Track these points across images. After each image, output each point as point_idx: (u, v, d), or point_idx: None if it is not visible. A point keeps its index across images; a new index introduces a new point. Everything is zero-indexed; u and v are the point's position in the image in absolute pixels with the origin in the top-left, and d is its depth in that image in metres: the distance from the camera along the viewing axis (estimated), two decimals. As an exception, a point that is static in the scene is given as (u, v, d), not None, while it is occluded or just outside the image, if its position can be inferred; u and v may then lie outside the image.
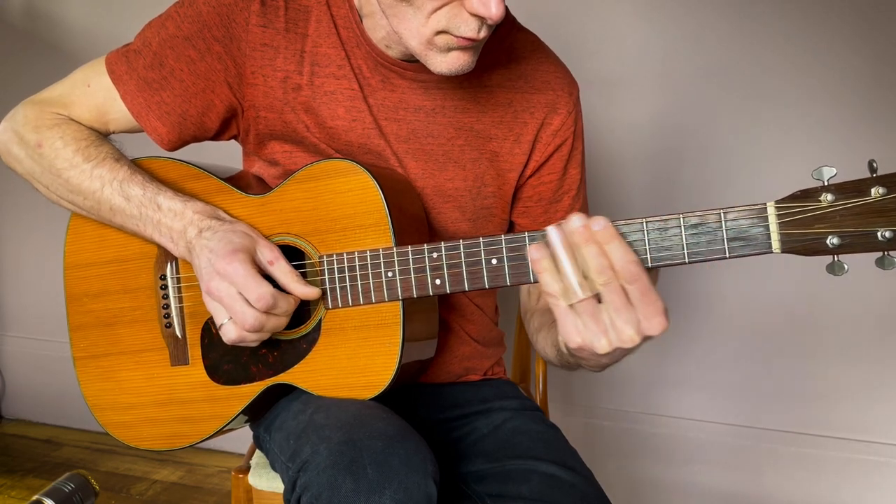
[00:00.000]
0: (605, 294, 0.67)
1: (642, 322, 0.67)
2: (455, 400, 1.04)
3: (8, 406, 2.31)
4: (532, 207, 1.03)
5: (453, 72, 0.83)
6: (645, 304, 0.67)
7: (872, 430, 1.59)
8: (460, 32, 0.78)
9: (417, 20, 0.80)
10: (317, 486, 0.75)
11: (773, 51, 1.52)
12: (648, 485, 1.75)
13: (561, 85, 0.99)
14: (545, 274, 0.69)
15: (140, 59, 0.93)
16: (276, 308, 0.82)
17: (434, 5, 0.78)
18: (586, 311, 0.68)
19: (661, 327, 0.68)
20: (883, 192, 0.63)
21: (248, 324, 0.81)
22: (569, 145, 1.00)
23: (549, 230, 0.69)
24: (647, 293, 0.67)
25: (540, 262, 0.69)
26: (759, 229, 0.68)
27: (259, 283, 0.81)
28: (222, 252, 0.82)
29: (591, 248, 0.67)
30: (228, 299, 0.82)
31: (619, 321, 0.67)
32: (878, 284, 1.50)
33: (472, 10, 0.76)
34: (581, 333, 0.69)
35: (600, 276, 0.67)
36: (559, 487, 0.88)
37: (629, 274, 0.67)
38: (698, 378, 1.70)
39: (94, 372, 0.99)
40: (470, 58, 0.82)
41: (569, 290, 0.68)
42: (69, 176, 0.92)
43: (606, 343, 0.68)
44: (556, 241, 0.69)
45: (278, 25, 0.92)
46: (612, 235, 0.67)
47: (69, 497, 0.67)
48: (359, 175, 0.86)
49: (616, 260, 0.67)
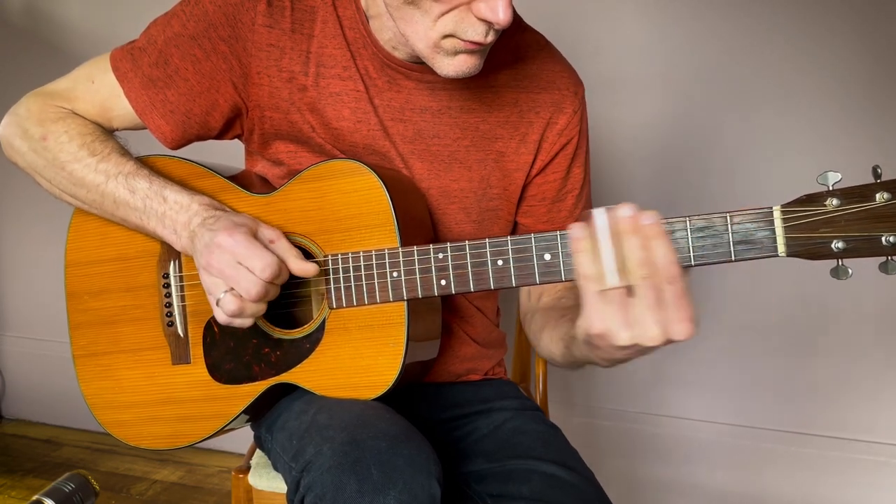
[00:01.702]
0: (641, 288, 0.66)
1: (670, 324, 0.66)
2: (455, 400, 1.04)
3: (8, 406, 2.30)
4: (535, 206, 1.03)
5: (460, 75, 0.83)
6: (678, 308, 0.66)
7: (872, 430, 1.59)
8: (468, 36, 0.78)
9: (425, 23, 0.80)
10: (321, 486, 0.75)
11: (778, 52, 1.52)
12: (648, 485, 1.75)
13: (566, 84, 0.99)
14: (583, 254, 0.67)
15: (145, 57, 0.93)
16: (279, 278, 0.81)
17: (441, 9, 0.78)
18: (615, 301, 0.67)
19: (686, 333, 0.67)
20: (888, 197, 0.64)
21: (255, 292, 0.80)
22: (574, 144, 1.00)
23: (596, 212, 0.67)
24: (682, 296, 0.66)
25: (581, 241, 0.67)
26: (764, 233, 0.68)
27: (264, 252, 0.81)
28: (223, 227, 0.82)
29: (635, 239, 0.66)
30: (230, 269, 0.80)
31: (649, 319, 0.66)
32: (878, 285, 1.50)
33: (479, 14, 0.76)
34: (605, 321, 0.67)
35: (641, 270, 0.66)
36: (559, 487, 0.88)
37: (669, 274, 0.66)
38: (698, 378, 1.70)
39: (93, 370, 0.99)
40: (477, 61, 0.83)
41: (603, 276, 0.67)
42: (73, 169, 0.92)
43: (628, 337, 0.67)
44: (602, 223, 0.67)
45: (284, 26, 0.92)
46: (659, 232, 0.66)
47: (69, 497, 0.67)
48: (364, 175, 0.86)
49: (659, 257, 0.66)
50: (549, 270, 0.76)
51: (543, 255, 0.76)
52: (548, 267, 0.76)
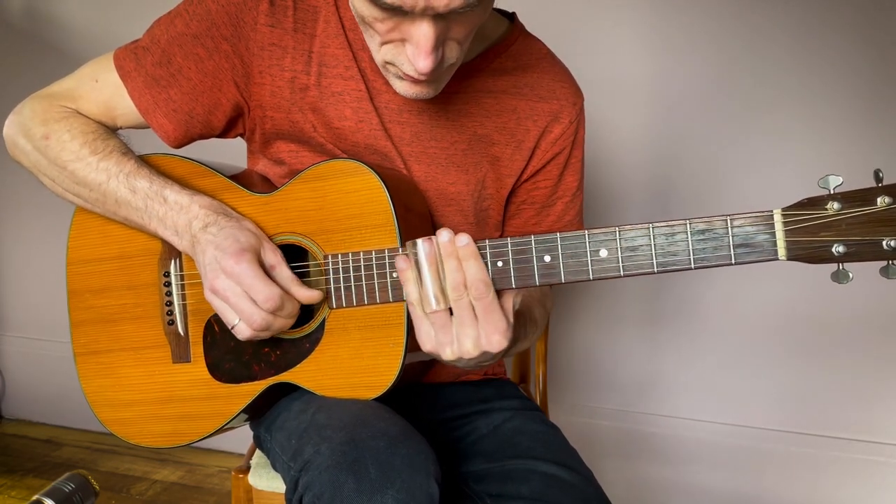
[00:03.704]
0: (455, 308, 0.75)
1: (482, 337, 0.75)
2: (455, 400, 1.04)
3: (8, 406, 2.31)
4: (525, 210, 1.03)
5: (410, 97, 0.85)
6: (487, 322, 0.74)
7: (872, 430, 1.59)
8: (404, 70, 0.81)
9: (373, 46, 0.83)
10: (319, 485, 0.75)
11: (777, 56, 1.52)
12: (648, 485, 1.75)
13: (566, 95, 0.99)
14: (408, 284, 0.76)
15: (148, 56, 0.93)
16: (282, 310, 0.82)
17: (380, 40, 0.80)
18: (438, 322, 0.75)
19: (499, 346, 0.75)
20: (889, 201, 0.64)
21: (256, 324, 0.82)
22: (566, 154, 1.01)
23: (419, 242, 0.75)
24: (490, 311, 0.74)
25: (405, 271, 0.76)
26: (765, 236, 0.68)
27: (267, 285, 0.82)
28: (230, 251, 0.82)
29: (451, 262, 0.74)
30: (235, 298, 0.82)
31: (462, 335, 0.75)
32: (878, 285, 1.50)
33: (408, 55, 0.78)
34: (431, 341, 0.76)
35: (454, 292, 0.74)
36: (559, 487, 0.88)
37: (477, 291, 0.74)
38: (698, 378, 1.70)
39: (94, 368, 0.99)
40: (424, 89, 0.84)
41: (426, 300, 0.75)
42: (75, 168, 0.92)
43: (450, 352, 0.76)
44: (423, 253, 0.75)
45: (287, 25, 0.92)
46: (471, 252, 0.74)
47: (69, 497, 0.67)
48: (365, 175, 0.86)
49: (470, 276, 0.74)
50: (549, 272, 0.76)
51: (543, 257, 0.76)
52: (547, 268, 0.76)
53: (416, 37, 0.75)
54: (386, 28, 0.77)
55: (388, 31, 0.78)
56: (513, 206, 1.03)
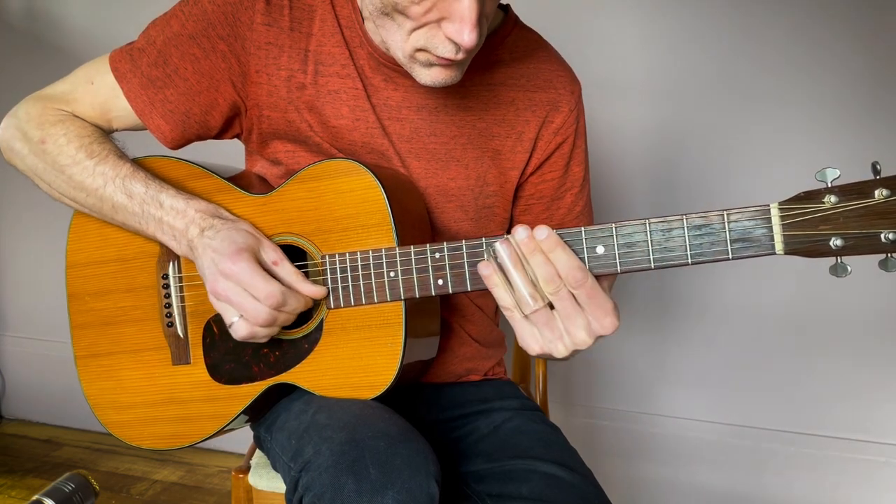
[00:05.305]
0: (555, 302, 0.71)
1: (592, 323, 0.72)
2: (455, 400, 1.04)
3: (8, 406, 2.31)
4: (534, 205, 1.03)
5: (437, 84, 0.84)
6: (594, 307, 0.71)
7: (872, 430, 1.59)
8: (438, 52, 0.80)
9: (400, 35, 0.82)
10: (319, 486, 0.74)
11: (776, 51, 1.52)
12: (648, 485, 1.75)
13: (563, 83, 0.99)
14: (497, 289, 0.73)
15: (144, 57, 0.93)
16: (285, 305, 0.82)
17: (413, 25, 0.79)
18: (540, 321, 0.72)
19: (612, 327, 0.72)
20: (886, 193, 0.64)
21: (262, 319, 0.82)
22: (570, 143, 1.00)
23: (497, 245, 0.72)
24: (594, 296, 0.71)
25: (491, 277, 0.73)
26: (762, 230, 0.68)
27: (266, 281, 0.81)
28: (226, 252, 0.82)
29: (537, 257, 0.71)
30: (237, 297, 0.82)
31: (571, 326, 0.72)
32: (878, 283, 1.50)
33: (447, 34, 0.78)
34: (539, 342, 0.73)
35: (548, 285, 0.71)
36: (559, 487, 0.87)
37: (574, 279, 0.70)
38: (698, 378, 1.70)
39: (95, 371, 0.99)
40: (453, 73, 0.84)
41: (522, 302, 0.72)
42: (72, 172, 0.92)
43: (563, 348, 0.73)
44: (504, 254, 0.72)
45: (283, 24, 0.92)
46: (555, 243, 0.71)
47: (69, 497, 0.67)
48: (362, 175, 0.86)
49: (561, 267, 0.71)
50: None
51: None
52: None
53: (460, 10, 0.75)
54: (423, 10, 0.77)
55: (425, 13, 0.78)
56: (521, 202, 1.03)
